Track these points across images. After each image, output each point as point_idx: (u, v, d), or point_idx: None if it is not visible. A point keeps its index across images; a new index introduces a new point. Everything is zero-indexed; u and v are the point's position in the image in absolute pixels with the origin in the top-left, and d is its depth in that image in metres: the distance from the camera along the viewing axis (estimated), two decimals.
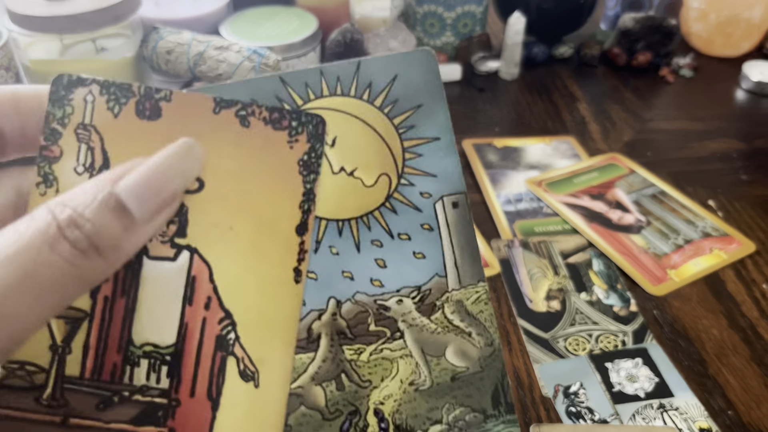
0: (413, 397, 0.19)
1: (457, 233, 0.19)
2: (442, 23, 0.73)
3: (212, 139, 0.17)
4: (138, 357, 0.17)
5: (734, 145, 0.63)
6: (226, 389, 0.17)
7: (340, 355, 0.19)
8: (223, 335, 0.17)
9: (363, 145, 0.19)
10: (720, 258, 0.49)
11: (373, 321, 0.19)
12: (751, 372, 0.40)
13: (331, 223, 0.19)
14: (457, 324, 0.19)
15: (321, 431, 0.18)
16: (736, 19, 0.75)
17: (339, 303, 0.19)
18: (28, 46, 0.59)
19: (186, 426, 0.17)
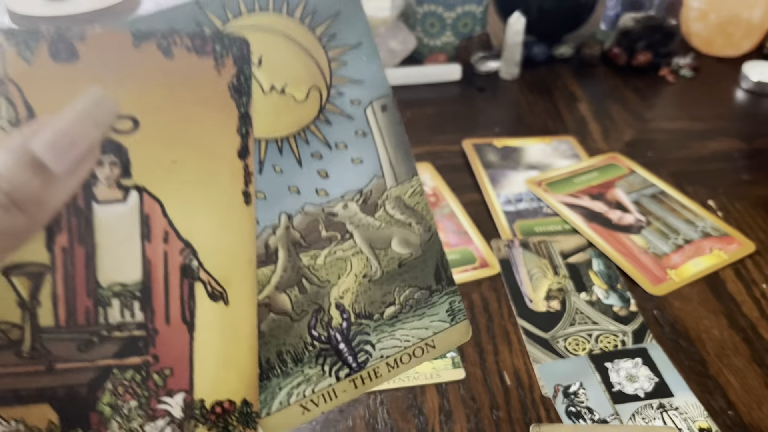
0: (368, 287, 0.21)
1: (389, 135, 0.21)
2: (442, 23, 0.73)
3: (137, 74, 0.17)
4: (108, 297, 0.17)
5: (734, 144, 0.63)
6: (199, 311, 0.18)
7: (298, 262, 0.20)
8: (187, 264, 0.18)
9: (289, 61, 0.19)
10: (720, 258, 0.49)
11: (324, 227, 0.20)
12: (752, 372, 0.40)
13: (270, 142, 0.19)
14: (398, 218, 0.21)
15: (291, 331, 0.20)
16: (736, 19, 0.75)
17: (290, 216, 0.20)
18: None
19: (167, 350, 0.18)
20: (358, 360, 0.21)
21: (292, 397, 0.20)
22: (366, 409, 0.38)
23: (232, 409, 0.19)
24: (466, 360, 0.41)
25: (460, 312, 0.23)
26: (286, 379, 0.20)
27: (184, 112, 0.17)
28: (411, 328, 0.21)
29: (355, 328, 0.21)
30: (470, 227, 0.52)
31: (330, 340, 0.21)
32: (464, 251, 0.49)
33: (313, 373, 0.20)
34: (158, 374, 0.18)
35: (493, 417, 0.38)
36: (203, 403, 0.19)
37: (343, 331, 0.21)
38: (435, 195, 0.55)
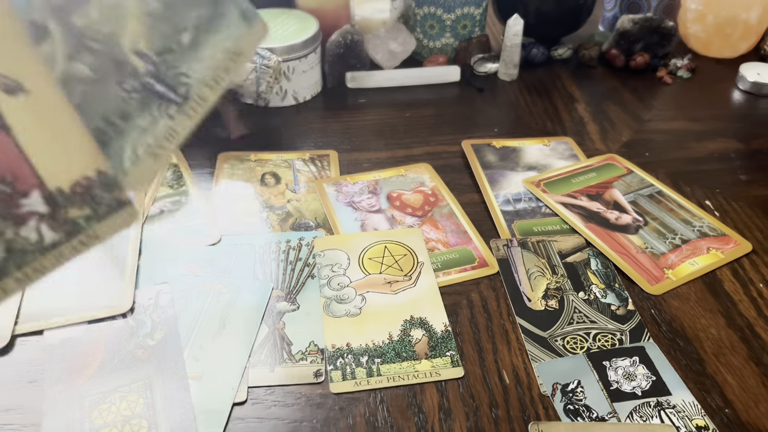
0: (155, 24, 0.20)
1: None
2: (441, 25, 0.74)
3: None
4: None
5: (732, 145, 0.63)
6: (6, 111, 0.17)
7: (73, 27, 0.19)
8: None
9: None
10: (717, 258, 0.49)
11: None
12: (749, 371, 0.41)
13: None
14: None
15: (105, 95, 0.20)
16: (733, 20, 0.76)
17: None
18: None
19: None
20: (178, 92, 0.21)
21: (139, 150, 0.20)
22: (366, 407, 0.38)
23: (92, 183, 0.19)
24: (466, 358, 0.41)
25: (252, 12, 0.22)
26: (124, 137, 0.20)
27: None
28: (213, 45, 0.21)
29: (162, 66, 0.20)
30: (469, 227, 0.52)
31: (145, 87, 0.20)
32: (463, 251, 0.50)
33: (145, 122, 0.20)
34: (2, 184, 0.18)
35: (492, 415, 0.38)
36: (61, 190, 0.19)
37: (152, 74, 0.20)
38: (434, 195, 0.55)
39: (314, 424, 0.37)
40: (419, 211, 0.54)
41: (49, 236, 0.19)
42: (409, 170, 0.58)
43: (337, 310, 0.44)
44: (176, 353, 0.40)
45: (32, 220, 0.19)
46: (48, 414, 0.37)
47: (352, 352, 0.41)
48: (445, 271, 0.48)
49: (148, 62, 0.20)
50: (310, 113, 0.67)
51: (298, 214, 0.53)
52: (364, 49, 0.71)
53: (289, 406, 0.38)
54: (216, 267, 0.47)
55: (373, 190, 0.56)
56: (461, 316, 0.44)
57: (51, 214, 0.19)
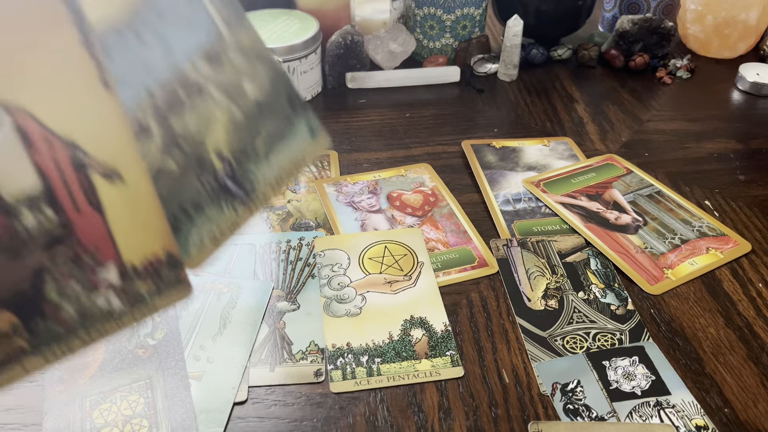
0: (237, 132, 0.23)
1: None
2: (441, 25, 0.74)
3: None
4: (18, 209, 0.19)
5: (731, 145, 0.63)
6: (102, 195, 0.20)
7: (169, 128, 0.22)
8: (76, 159, 0.19)
9: None
10: (716, 257, 0.49)
11: (182, 91, 0.22)
12: (748, 370, 0.41)
13: (107, 28, 0.20)
14: (242, 64, 0.23)
15: (185, 187, 0.22)
16: (732, 20, 0.76)
17: (149, 91, 0.21)
18: None
19: (87, 233, 0.20)
20: (246, 190, 0.24)
21: (204, 236, 0.23)
22: (366, 406, 0.38)
23: (160, 262, 0.22)
24: (465, 358, 0.41)
25: (317, 127, 0.25)
26: (194, 225, 0.23)
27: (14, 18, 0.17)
28: (281, 152, 0.24)
29: (236, 167, 0.23)
30: (469, 227, 0.52)
31: (219, 184, 0.23)
32: (463, 251, 0.50)
33: (214, 213, 0.23)
34: (86, 255, 0.20)
35: (492, 414, 0.38)
36: (134, 265, 0.21)
37: (227, 173, 0.23)
38: (434, 195, 0.56)
39: (314, 424, 0.37)
40: (419, 211, 0.54)
41: (115, 304, 0.21)
42: (409, 170, 0.59)
43: (338, 310, 0.44)
44: (177, 353, 0.41)
45: (104, 289, 0.21)
46: (49, 413, 0.37)
47: (353, 352, 0.41)
48: (445, 270, 0.48)
49: (225, 162, 0.23)
50: None
51: (299, 214, 0.53)
52: (364, 49, 0.71)
53: (289, 405, 0.38)
54: (216, 267, 0.47)
55: (373, 190, 0.56)
56: (461, 315, 0.44)
57: (121, 286, 0.21)
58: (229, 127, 0.23)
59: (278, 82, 0.24)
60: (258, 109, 0.23)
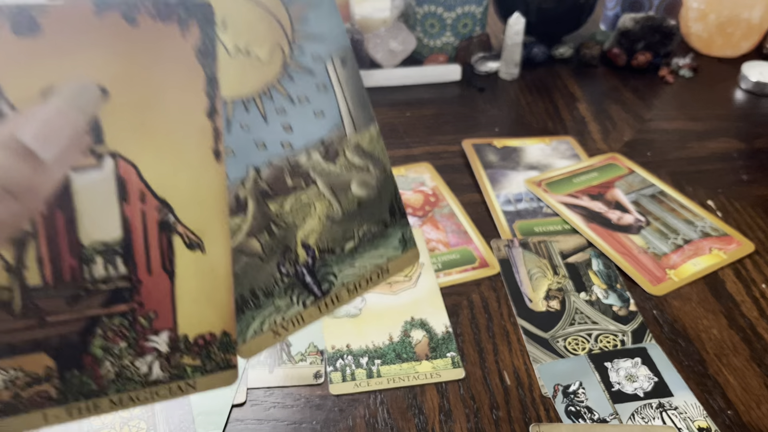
0: (330, 227, 0.23)
1: (349, 87, 0.22)
2: (442, 23, 0.74)
3: (101, 43, 0.17)
4: (92, 255, 0.19)
5: (734, 145, 0.63)
6: (178, 260, 0.20)
7: (266, 210, 0.22)
8: (164, 219, 0.19)
9: (252, 22, 0.20)
10: (719, 258, 0.49)
11: (289, 177, 0.22)
12: (751, 372, 0.40)
13: (236, 101, 0.20)
14: (357, 163, 0.23)
15: (262, 271, 0.22)
16: (735, 19, 0.75)
17: (258, 170, 0.21)
18: None
19: (151, 296, 0.20)
20: (322, 289, 0.23)
21: (265, 325, 0.22)
22: (366, 408, 0.38)
23: (213, 340, 0.21)
24: (466, 360, 0.41)
25: (410, 240, 0.25)
26: (259, 310, 0.22)
27: (151, 77, 0.18)
28: (368, 257, 0.24)
29: (319, 262, 0.23)
30: (470, 227, 0.52)
31: (297, 275, 0.23)
32: (464, 251, 0.49)
33: (282, 303, 0.23)
34: (144, 318, 0.20)
35: (493, 416, 0.38)
36: (187, 338, 0.21)
37: (308, 266, 0.23)
38: (435, 195, 0.55)
39: (314, 426, 0.37)
40: (420, 211, 0.53)
41: (155, 373, 0.21)
42: (410, 170, 0.58)
43: (337, 311, 0.44)
44: None
45: (150, 356, 0.20)
46: None
47: (352, 353, 0.41)
48: (445, 271, 0.47)
49: (309, 255, 0.23)
50: None
51: None
52: (364, 48, 0.71)
53: (288, 407, 0.38)
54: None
55: None
56: (462, 316, 0.44)
57: (167, 356, 0.21)
58: (324, 222, 0.23)
59: (385, 188, 0.23)
60: (358, 209, 0.23)
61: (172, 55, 0.18)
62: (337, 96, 0.22)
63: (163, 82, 0.18)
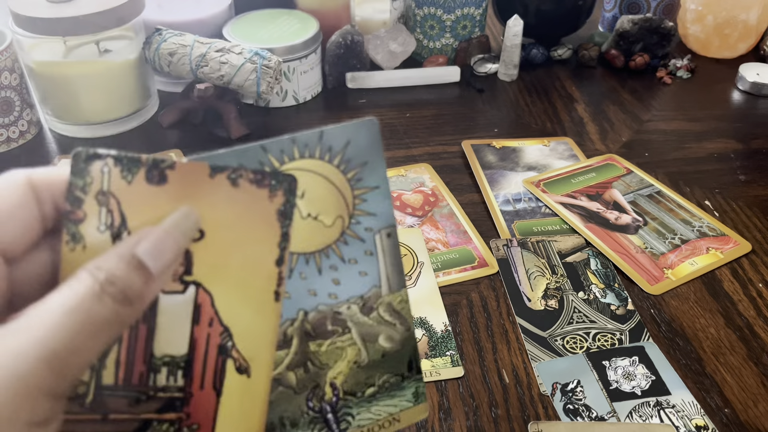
0: (356, 371, 0.26)
1: (389, 256, 0.26)
2: (441, 25, 0.74)
3: (209, 198, 0.22)
4: (159, 366, 0.22)
5: (731, 145, 0.63)
6: (227, 381, 0.22)
7: (306, 348, 0.25)
8: (223, 344, 0.22)
9: (324, 196, 0.25)
10: (716, 258, 0.49)
11: (330, 323, 0.25)
12: (748, 370, 0.41)
13: (301, 256, 0.24)
14: (387, 319, 0.26)
15: (293, 402, 0.25)
16: (733, 20, 0.76)
17: (306, 313, 0.25)
18: (31, 47, 0.59)
19: (198, 410, 0.22)
20: (340, 427, 0.26)
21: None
22: None
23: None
24: (465, 358, 0.41)
25: (422, 395, 0.28)
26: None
27: (240, 228, 0.22)
28: (384, 404, 0.27)
29: (342, 402, 0.26)
30: (469, 227, 0.52)
31: (321, 411, 0.26)
32: (463, 251, 0.50)
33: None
34: (188, 428, 0.22)
35: (492, 414, 0.38)
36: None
37: (332, 404, 0.26)
38: (434, 195, 0.55)
39: None
40: (419, 211, 0.54)
41: None
42: (409, 170, 0.59)
43: None
44: None
45: None
46: None
47: None
48: (445, 271, 0.48)
49: (335, 395, 0.26)
50: (311, 113, 0.68)
51: None
52: (364, 49, 0.71)
53: None
54: None
55: None
56: (461, 315, 0.44)
57: None
58: (352, 366, 0.26)
59: (407, 344, 0.27)
60: (382, 359, 0.26)
61: (259, 213, 0.22)
62: (379, 261, 0.26)
63: (248, 232, 0.22)
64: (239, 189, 0.22)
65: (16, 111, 0.60)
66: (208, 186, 0.21)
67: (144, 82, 0.64)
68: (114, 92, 0.62)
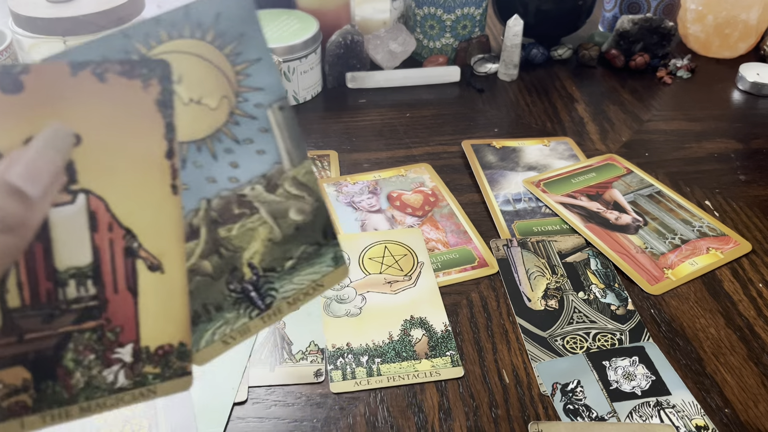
0: (272, 248, 0.26)
1: (286, 129, 0.25)
2: (441, 25, 0.74)
3: (76, 98, 0.20)
4: (65, 279, 0.21)
5: (731, 145, 0.63)
6: (141, 281, 0.23)
7: (216, 236, 0.25)
8: (129, 246, 0.22)
9: (203, 77, 0.23)
10: (717, 258, 0.49)
11: (236, 206, 0.25)
12: (749, 371, 0.41)
13: (190, 143, 0.24)
14: (294, 193, 0.26)
15: (213, 288, 0.25)
16: (733, 20, 0.76)
17: (209, 201, 0.24)
18: (31, 47, 0.59)
19: (117, 313, 0.23)
20: (265, 302, 0.26)
21: (216, 336, 0.25)
22: (366, 406, 0.38)
23: (171, 350, 0.24)
24: (465, 358, 0.41)
25: (341, 258, 0.28)
26: (211, 323, 0.25)
27: (118, 125, 0.21)
28: (305, 274, 0.27)
29: (263, 279, 0.26)
30: (469, 227, 0.52)
31: (244, 291, 0.26)
32: (463, 251, 0.50)
33: (231, 316, 0.26)
34: (111, 332, 0.23)
35: (492, 415, 0.38)
36: (148, 349, 0.23)
37: (253, 282, 0.26)
38: (434, 195, 0.55)
39: (314, 424, 0.37)
40: (419, 211, 0.54)
41: (120, 381, 0.23)
42: (409, 170, 0.59)
43: (338, 310, 0.44)
44: None
45: (116, 366, 0.23)
46: None
47: (353, 352, 0.41)
48: (445, 271, 0.48)
49: (254, 274, 0.26)
50: (311, 113, 0.68)
51: None
52: (364, 49, 0.71)
53: (289, 405, 0.38)
54: None
55: (373, 190, 0.56)
56: (461, 315, 0.44)
57: (131, 365, 0.23)
58: (267, 244, 0.26)
59: (319, 213, 0.27)
60: (296, 232, 0.26)
61: (136, 105, 0.21)
62: (276, 137, 0.25)
63: (128, 129, 0.21)
64: (108, 84, 0.20)
65: None
66: (73, 86, 0.20)
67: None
68: None
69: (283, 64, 0.65)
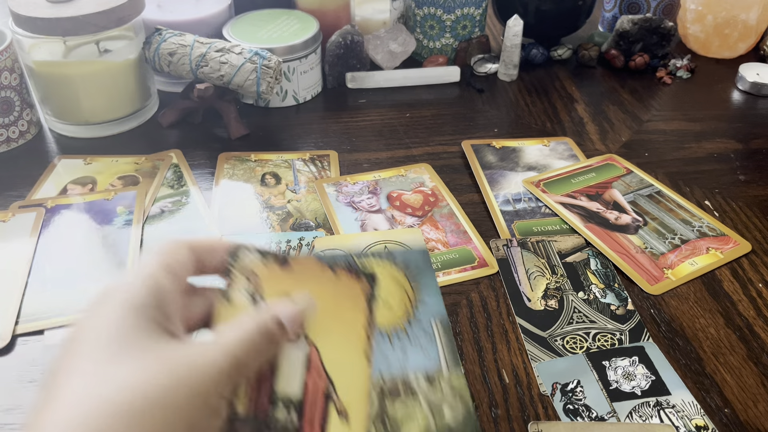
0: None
1: (445, 338, 0.33)
2: (441, 25, 0.74)
3: (317, 282, 0.29)
4: (278, 402, 0.27)
5: (731, 145, 0.63)
6: (330, 423, 0.28)
7: (384, 405, 0.30)
8: (328, 392, 0.28)
9: (394, 289, 0.33)
10: (716, 258, 0.49)
11: (401, 386, 0.30)
12: (748, 370, 0.41)
13: (377, 330, 0.31)
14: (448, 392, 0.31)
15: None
16: (733, 20, 0.76)
17: (383, 378, 0.30)
18: (32, 47, 0.59)
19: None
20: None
21: None
22: None
23: None
24: (465, 358, 0.41)
25: None
26: None
27: (339, 303, 0.29)
28: None
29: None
30: (469, 227, 0.52)
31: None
32: (463, 251, 0.50)
33: None
34: None
35: (492, 414, 0.38)
36: None
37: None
38: (434, 195, 0.55)
39: None
40: (419, 211, 0.54)
41: None
42: (409, 170, 0.59)
43: None
44: None
45: None
46: None
47: None
48: (444, 270, 0.48)
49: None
50: (310, 113, 0.68)
51: (299, 214, 0.53)
52: (364, 49, 0.71)
53: None
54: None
55: (373, 191, 0.56)
56: (461, 315, 0.44)
57: None
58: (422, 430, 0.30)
59: (468, 423, 0.31)
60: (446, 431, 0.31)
61: (352, 296, 0.29)
62: (437, 343, 0.32)
63: (344, 305, 0.29)
64: (338, 277, 0.30)
65: (16, 111, 0.60)
66: (318, 272, 0.29)
67: (144, 82, 0.64)
68: (114, 92, 0.62)
69: (283, 64, 0.65)
